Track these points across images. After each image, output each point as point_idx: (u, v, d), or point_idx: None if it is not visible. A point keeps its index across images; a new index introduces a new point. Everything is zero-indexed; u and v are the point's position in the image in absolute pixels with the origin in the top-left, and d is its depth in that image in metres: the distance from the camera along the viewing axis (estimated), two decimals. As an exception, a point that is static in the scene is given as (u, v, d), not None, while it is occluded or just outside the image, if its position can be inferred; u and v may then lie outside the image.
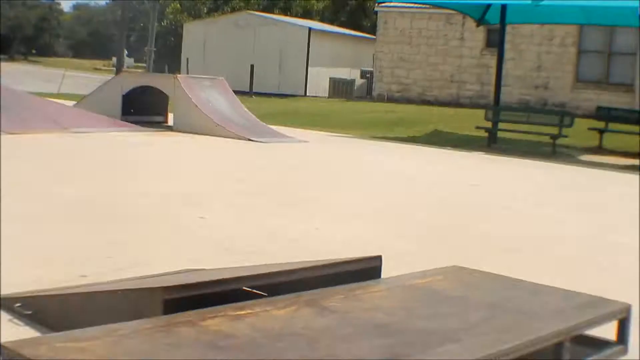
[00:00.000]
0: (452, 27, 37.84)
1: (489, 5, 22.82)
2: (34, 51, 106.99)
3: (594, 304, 4.30)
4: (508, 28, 25.26)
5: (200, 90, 19.71)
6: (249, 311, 3.70)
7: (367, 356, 3.21)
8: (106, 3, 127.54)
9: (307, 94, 43.98)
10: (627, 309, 4.23)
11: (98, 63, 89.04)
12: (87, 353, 2.89)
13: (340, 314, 3.84)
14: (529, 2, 20.58)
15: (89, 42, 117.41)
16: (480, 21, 24.28)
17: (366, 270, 5.00)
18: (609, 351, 4.16)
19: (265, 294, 4.40)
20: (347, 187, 12.22)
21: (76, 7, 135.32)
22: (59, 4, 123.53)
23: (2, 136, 14.26)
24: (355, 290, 4.38)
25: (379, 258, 5.12)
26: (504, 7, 22.07)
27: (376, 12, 43.53)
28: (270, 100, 37.98)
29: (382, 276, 5.01)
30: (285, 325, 3.58)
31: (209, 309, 3.66)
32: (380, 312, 3.96)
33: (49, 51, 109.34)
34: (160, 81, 20.81)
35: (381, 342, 3.40)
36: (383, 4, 40.81)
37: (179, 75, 20.56)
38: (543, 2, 19.68)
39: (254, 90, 40.01)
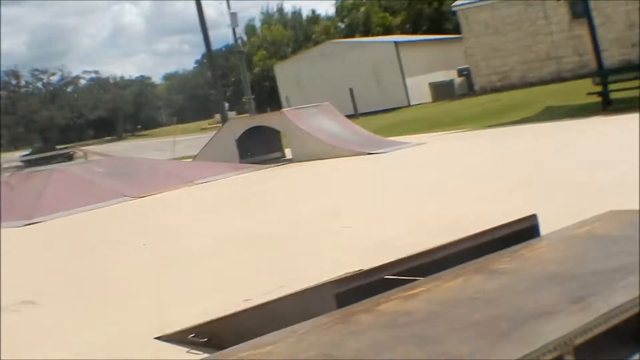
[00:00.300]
0: (533, 8, 37.48)
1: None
2: (139, 127, 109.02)
3: None
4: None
5: (309, 118, 19.83)
6: (421, 289, 3.68)
7: (553, 303, 3.15)
8: (194, 67, 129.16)
9: (411, 104, 43.90)
10: None
11: (203, 123, 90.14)
12: (273, 355, 2.93)
13: (511, 274, 3.78)
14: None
15: (189, 106, 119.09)
16: (560, -9, 23.93)
17: (523, 231, 4.91)
18: None
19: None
20: (491, 171, 12.07)
21: (166, 77, 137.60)
22: (149, 78, 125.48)
23: (129, 201, 14.62)
24: (518, 251, 4.28)
25: (534, 217, 5.00)
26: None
27: (454, 12, 43.35)
28: (377, 116, 38.07)
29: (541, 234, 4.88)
30: (459, 293, 3.53)
31: (381, 294, 3.64)
32: (551, 264, 3.91)
33: (153, 123, 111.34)
34: (268, 119, 21.02)
35: (560, 289, 3.35)
36: (458, 4, 40.69)
37: (284, 110, 20.73)
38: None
39: (358, 111, 40.16)
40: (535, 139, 16.57)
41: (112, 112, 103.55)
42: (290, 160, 20.01)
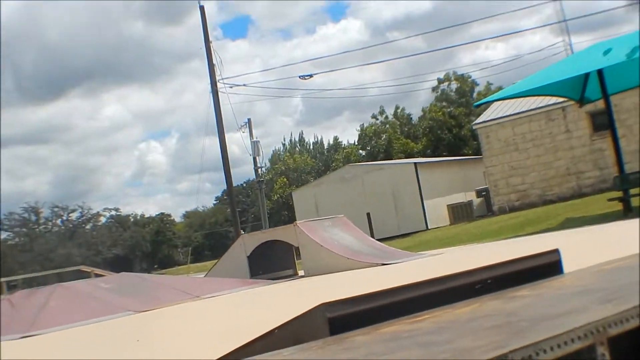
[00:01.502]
0: (554, 122, 37.45)
1: (586, 79, 22.25)
2: (155, 266, 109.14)
3: None
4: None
5: (323, 231, 19.43)
6: (427, 316, 3.18)
7: (581, 306, 2.81)
8: (214, 204, 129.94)
9: (429, 227, 43.53)
10: None
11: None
12: None
13: (532, 297, 3.33)
14: (624, 59, 19.79)
15: (207, 244, 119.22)
16: (581, 101, 23.72)
17: (545, 266, 4.44)
18: None
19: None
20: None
21: (186, 215, 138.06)
22: (169, 215, 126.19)
23: (135, 315, 14.17)
24: (540, 284, 3.85)
25: (556, 252, 4.56)
26: (601, 74, 21.44)
27: (475, 130, 43.47)
28: (394, 241, 37.58)
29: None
30: (472, 314, 3.07)
31: (382, 323, 3.16)
32: (576, 287, 3.55)
33: (170, 262, 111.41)
34: (281, 233, 20.60)
35: (588, 297, 3.02)
36: (480, 121, 40.86)
37: (298, 222, 20.24)
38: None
39: (375, 237, 39.70)
40: (554, 244, 16.00)
41: (129, 250, 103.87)
42: (301, 277, 19.48)
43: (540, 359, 2.07)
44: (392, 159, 66.46)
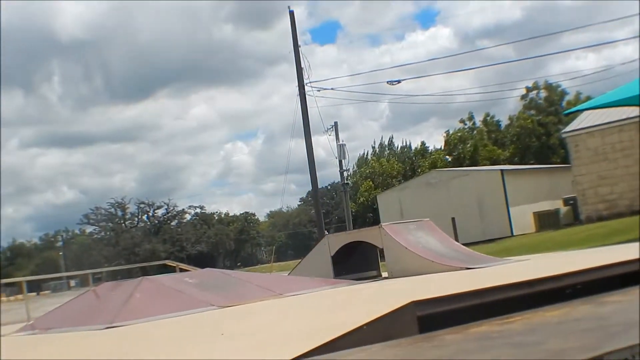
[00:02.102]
0: (645, 132, 36.82)
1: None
2: (239, 264, 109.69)
3: None
4: None
5: (408, 233, 19.28)
6: (518, 317, 3.17)
7: None
8: (298, 205, 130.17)
9: (514, 234, 43.13)
10: None
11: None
12: None
13: (624, 303, 3.28)
14: None
15: (290, 244, 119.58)
16: (673, 111, 23.25)
17: (635, 273, 4.38)
18: None
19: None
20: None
21: (270, 215, 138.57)
22: (253, 214, 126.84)
23: (219, 310, 14.22)
24: (630, 290, 3.78)
25: None
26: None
27: (563, 139, 42.96)
28: (478, 246, 37.25)
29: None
30: (563, 319, 3.04)
31: (472, 323, 3.15)
32: None
33: (253, 260, 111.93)
34: (366, 234, 20.47)
35: None
36: (569, 130, 40.39)
37: (384, 224, 20.13)
38: None
39: (459, 242, 39.42)
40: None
41: (213, 247, 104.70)
42: (385, 278, 19.37)
43: (635, 363, 2.05)
44: (477, 166, 65.99)
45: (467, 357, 2.27)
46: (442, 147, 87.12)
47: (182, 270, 24.34)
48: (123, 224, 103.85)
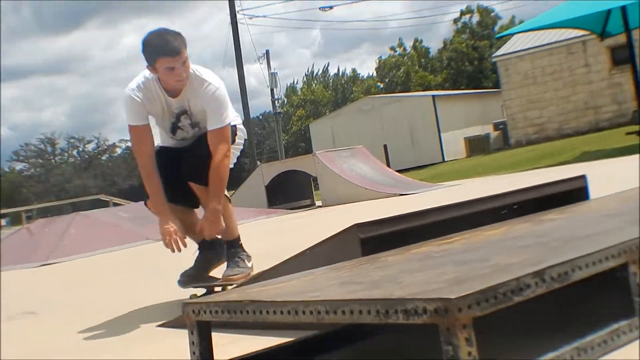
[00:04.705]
0: (573, 56, 37.17)
1: (608, 13, 21.94)
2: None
3: None
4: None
5: (342, 161, 19.40)
6: (458, 238, 3.22)
7: (613, 227, 2.82)
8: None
9: (445, 160, 43.50)
10: None
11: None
12: (284, 289, 2.62)
13: (561, 220, 3.36)
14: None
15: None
16: (602, 34, 23.38)
17: (571, 192, 4.47)
18: None
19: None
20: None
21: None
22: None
23: (151, 243, 14.24)
24: (567, 208, 3.86)
25: (583, 178, 4.59)
26: (624, 8, 21.12)
27: (494, 63, 43.25)
28: (410, 173, 37.56)
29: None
30: (503, 236, 3.10)
31: (413, 244, 3.20)
32: (605, 210, 3.58)
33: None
34: (300, 163, 20.56)
35: (620, 219, 3.05)
36: (499, 54, 40.60)
37: (317, 152, 20.20)
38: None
39: (391, 168, 39.70)
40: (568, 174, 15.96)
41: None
42: (319, 207, 19.50)
43: (575, 276, 2.11)
44: (410, 92, 66.20)
45: (411, 276, 2.32)
46: (374, 74, 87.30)
47: (115, 204, 24.21)
48: (53, 160, 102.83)
